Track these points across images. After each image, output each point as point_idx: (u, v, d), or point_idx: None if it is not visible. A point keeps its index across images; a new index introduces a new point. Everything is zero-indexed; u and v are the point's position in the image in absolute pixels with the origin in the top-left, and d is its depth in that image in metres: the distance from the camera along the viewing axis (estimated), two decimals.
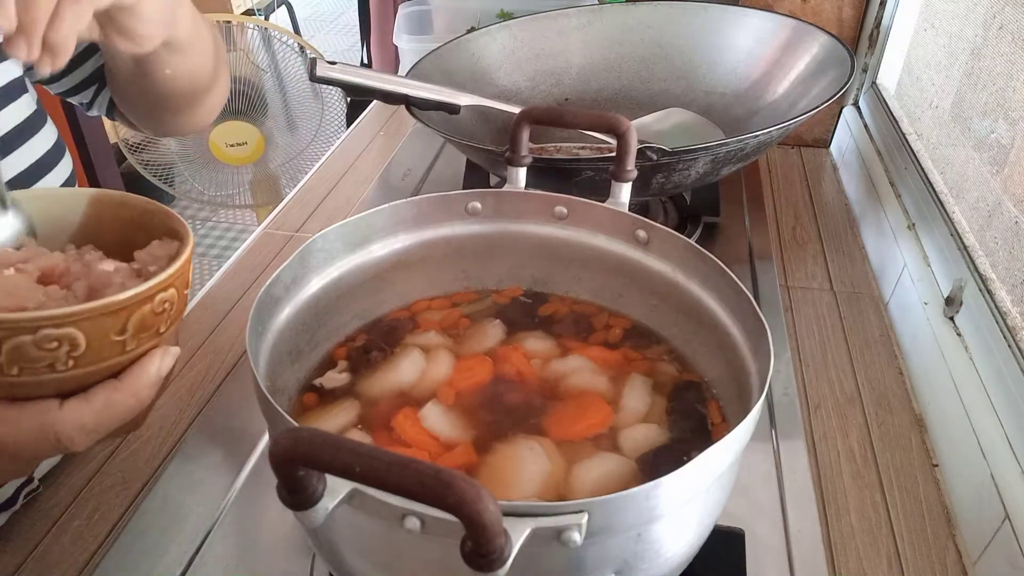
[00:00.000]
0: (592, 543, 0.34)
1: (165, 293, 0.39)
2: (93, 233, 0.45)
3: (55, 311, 0.35)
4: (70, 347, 0.36)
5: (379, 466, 0.28)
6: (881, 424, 0.69)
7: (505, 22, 1.04)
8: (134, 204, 0.45)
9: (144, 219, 0.44)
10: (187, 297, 0.42)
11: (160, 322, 0.39)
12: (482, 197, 0.58)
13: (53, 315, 0.35)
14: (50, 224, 0.45)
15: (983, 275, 0.69)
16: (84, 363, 0.37)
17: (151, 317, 0.38)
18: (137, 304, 0.37)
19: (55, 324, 0.35)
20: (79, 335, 0.36)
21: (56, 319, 0.35)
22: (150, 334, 0.39)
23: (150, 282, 0.37)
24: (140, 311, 0.38)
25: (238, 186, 2.19)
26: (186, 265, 0.40)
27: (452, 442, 0.48)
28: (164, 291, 0.39)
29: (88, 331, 0.36)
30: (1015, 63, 0.73)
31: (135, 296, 0.37)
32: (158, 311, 0.39)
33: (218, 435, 0.65)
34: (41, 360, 0.36)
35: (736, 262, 0.87)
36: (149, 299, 0.38)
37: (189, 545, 0.56)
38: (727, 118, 0.96)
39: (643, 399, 0.52)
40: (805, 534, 0.57)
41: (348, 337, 0.57)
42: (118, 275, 0.40)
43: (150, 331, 0.39)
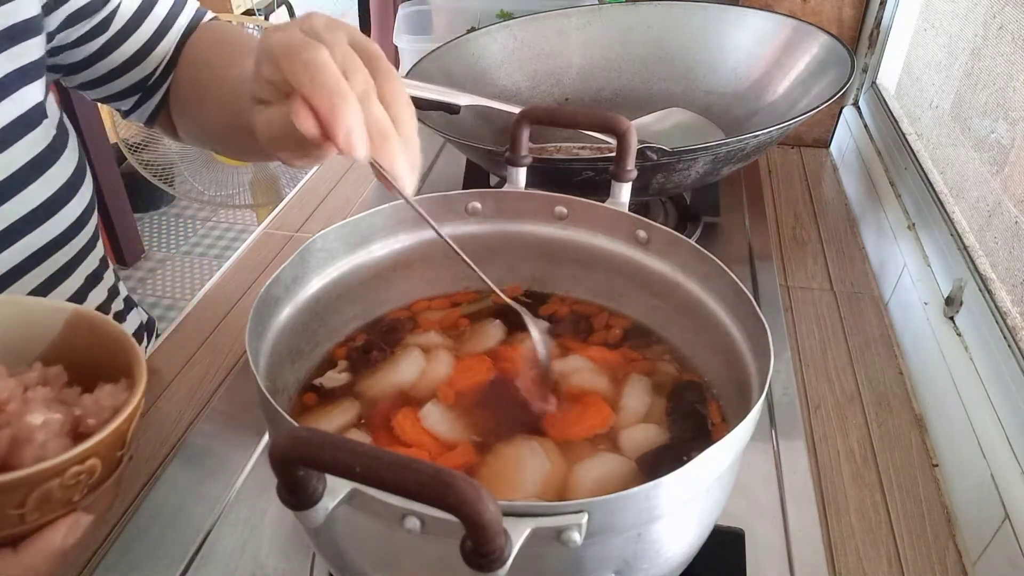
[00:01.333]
0: (592, 543, 0.34)
1: (80, 466, 0.36)
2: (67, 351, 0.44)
3: None
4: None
5: (379, 466, 0.28)
6: (881, 424, 0.69)
7: (505, 22, 1.04)
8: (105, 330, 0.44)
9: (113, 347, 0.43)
10: (121, 458, 0.40)
11: (72, 494, 0.37)
12: (482, 197, 0.58)
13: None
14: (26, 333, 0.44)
15: (983, 275, 0.69)
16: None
17: (59, 491, 0.36)
18: (39, 480, 0.35)
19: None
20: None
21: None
22: (58, 505, 0.37)
23: (56, 459, 0.35)
24: (44, 487, 0.35)
25: (238, 186, 2.19)
26: (117, 431, 0.38)
27: (452, 442, 0.48)
28: (79, 464, 0.36)
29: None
30: (1015, 63, 0.73)
31: (36, 474, 0.34)
32: (69, 484, 0.36)
33: (218, 435, 0.65)
34: None
35: (736, 262, 0.87)
36: (57, 474, 0.35)
37: (189, 545, 0.56)
38: (727, 118, 0.96)
39: (643, 399, 0.52)
40: (805, 534, 0.57)
41: (348, 337, 0.57)
42: (42, 431, 0.38)
43: (57, 503, 0.37)
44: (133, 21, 0.64)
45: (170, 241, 2.71)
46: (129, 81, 0.66)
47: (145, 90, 0.67)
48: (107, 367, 0.42)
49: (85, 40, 0.62)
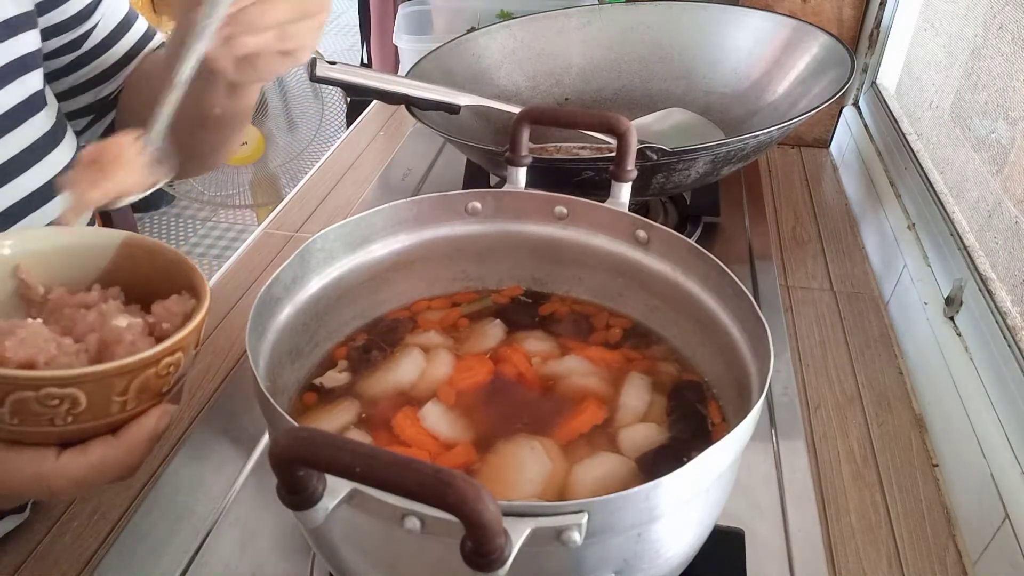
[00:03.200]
0: (592, 543, 0.34)
1: (171, 357, 0.39)
2: (120, 275, 0.46)
3: (59, 372, 0.36)
4: (71, 405, 0.36)
5: (379, 466, 0.28)
6: (881, 424, 0.69)
7: (505, 22, 1.04)
8: (161, 253, 0.46)
9: (170, 269, 0.45)
10: (195, 356, 0.43)
11: (163, 384, 0.40)
12: (482, 197, 0.58)
13: (57, 376, 0.36)
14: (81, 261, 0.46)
15: (983, 275, 0.69)
16: (83, 419, 0.37)
17: (154, 380, 0.39)
18: (141, 368, 0.38)
19: (58, 384, 0.36)
20: (81, 395, 0.36)
21: (60, 380, 0.36)
22: (151, 394, 0.40)
23: (155, 348, 0.38)
24: (144, 375, 0.38)
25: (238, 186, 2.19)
26: (196, 329, 0.41)
27: (452, 442, 0.48)
28: (170, 355, 0.39)
29: (90, 392, 0.37)
30: (1015, 63, 0.73)
31: (139, 361, 0.37)
32: (162, 374, 0.39)
33: (218, 435, 0.65)
34: (42, 415, 0.36)
35: (736, 262, 0.87)
36: (154, 363, 0.38)
37: (189, 545, 0.56)
38: (727, 118, 0.96)
39: (643, 399, 0.52)
40: (805, 534, 0.57)
41: (348, 337, 0.57)
42: (129, 332, 0.41)
43: (152, 392, 0.40)
44: (106, 42, 0.65)
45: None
46: (87, 100, 0.67)
47: (99, 111, 0.68)
48: (163, 287, 0.44)
49: (59, 53, 0.63)
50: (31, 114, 0.58)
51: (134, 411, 0.39)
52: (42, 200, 0.59)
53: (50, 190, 0.60)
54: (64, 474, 0.38)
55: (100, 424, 0.39)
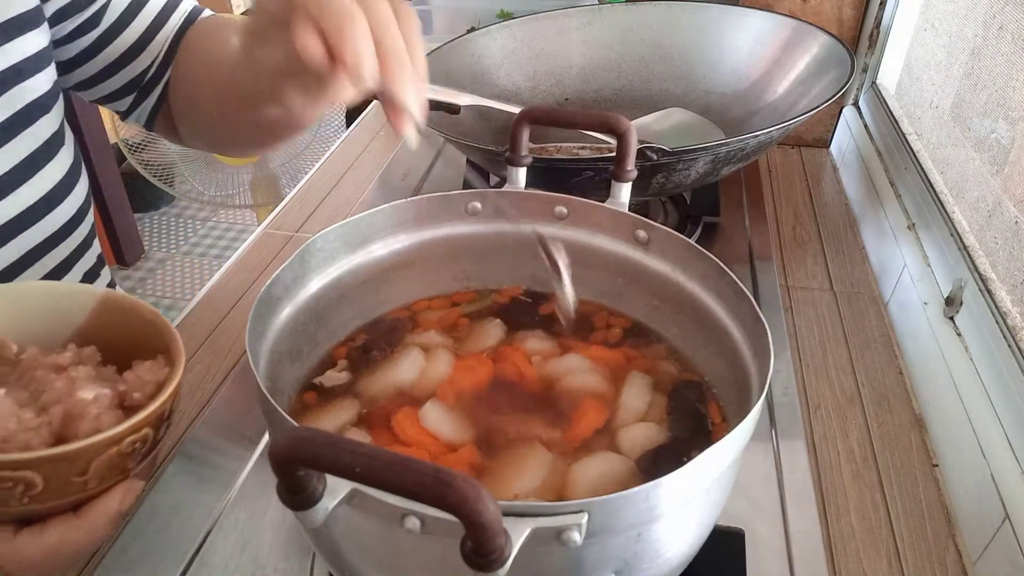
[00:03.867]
0: (592, 543, 0.34)
1: (136, 435, 0.38)
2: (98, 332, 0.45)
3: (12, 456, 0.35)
4: (26, 487, 0.35)
5: (379, 466, 0.28)
6: (881, 424, 0.69)
7: (505, 22, 1.04)
8: (139, 313, 0.45)
9: (147, 329, 0.44)
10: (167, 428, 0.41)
11: (128, 462, 0.39)
12: (482, 197, 0.58)
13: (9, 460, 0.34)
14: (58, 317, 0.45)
15: (983, 275, 0.69)
16: (41, 500, 0.36)
17: (117, 458, 0.38)
18: (102, 448, 0.37)
19: (11, 468, 0.34)
20: (36, 477, 0.35)
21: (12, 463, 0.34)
22: (115, 472, 0.38)
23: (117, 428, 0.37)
24: (105, 454, 0.37)
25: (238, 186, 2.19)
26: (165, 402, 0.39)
27: (452, 442, 0.48)
28: (135, 433, 0.38)
29: (47, 474, 0.35)
30: (1015, 63, 0.73)
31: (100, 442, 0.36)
32: (126, 452, 0.38)
33: (218, 435, 0.65)
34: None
35: (736, 262, 0.87)
36: (116, 442, 0.37)
37: (189, 545, 0.56)
38: (727, 118, 0.96)
39: (643, 399, 0.52)
40: (805, 534, 0.57)
41: (348, 337, 0.57)
42: (95, 405, 0.39)
43: (115, 470, 0.38)
44: (125, 16, 0.63)
45: (170, 241, 2.71)
46: (123, 80, 0.65)
47: (140, 89, 0.66)
48: (140, 347, 0.44)
49: (76, 35, 0.61)
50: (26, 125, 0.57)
51: (96, 489, 0.38)
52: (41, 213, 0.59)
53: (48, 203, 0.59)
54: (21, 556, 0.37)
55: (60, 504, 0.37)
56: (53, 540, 0.37)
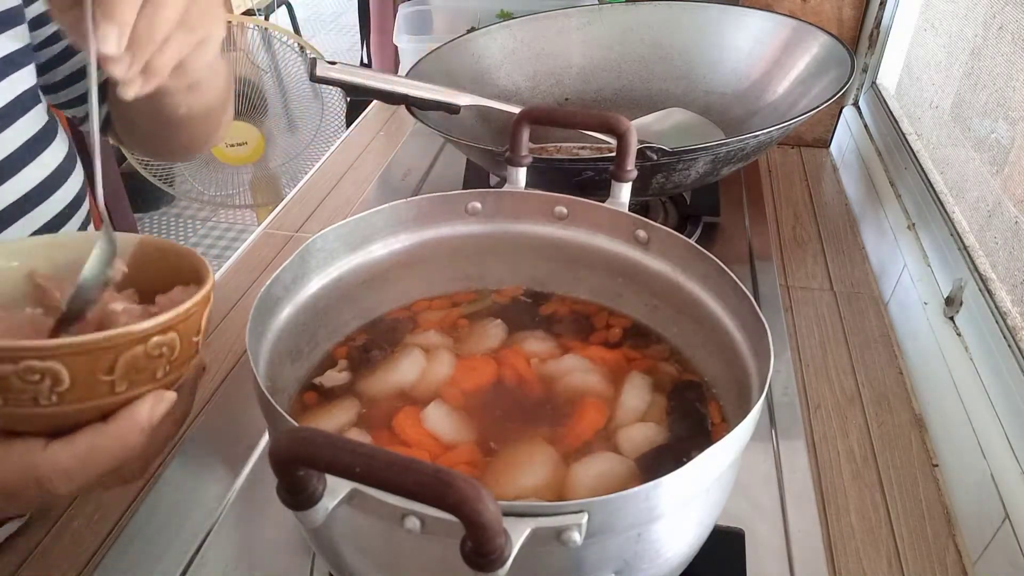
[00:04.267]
0: (592, 543, 0.34)
1: (162, 336, 0.38)
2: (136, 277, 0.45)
3: (37, 343, 0.35)
4: (53, 382, 0.35)
5: (379, 466, 0.28)
6: (881, 424, 0.69)
7: (505, 22, 1.04)
8: (171, 249, 0.45)
9: (178, 264, 0.44)
10: (197, 344, 0.41)
11: (156, 366, 0.38)
12: (482, 197, 0.58)
13: (35, 346, 0.34)
14: None
15: (983, 275, 0.69)
16: (69, 400, 0.36)
17: (144, 360, 0.37)
18: (127, 344, 0.36)
19: (38, 356, 0.34)
20: (62, 370, 0.35)
21: (38, 351, 0.34)
22: (144, 377, 0.38)
23: (143, 324, 0.37)
24: (130, 352, 0.37)
25: (238, 186, 2.19)
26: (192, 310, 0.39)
27: (452, 442, 0.48)
28: (161, 334, 0.38)
29: (72, 367, 0.35)
30: (1015, 63, 0.73)
31: (123, 335, 0.36)
32: (153, 354, 0.38)
33: (218, 435, 0.65)
34: (24, 392, 0.35)
35: (736, 262, 0.87)
36: (142, 340, 0.37)
37: (189, 545, 0.56)
38: (727, 118, 0.96)
39: (643, 399, 0.52)
40: (805, 534, 0.57)
41: (348, 337, 0.57)
42: (124, 315, 0.40)
43: (143, 374, 0.38)
44: None
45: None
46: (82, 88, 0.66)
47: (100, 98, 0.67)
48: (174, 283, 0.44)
49: (50, 42, 0.63)
50: (22, 113, 0.58)
51: (127, 395, 0.38)
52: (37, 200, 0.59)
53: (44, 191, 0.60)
54: (52, 464, 0.37)
55: (89, 407, 0.37)
56: (83, 447, 0.37)
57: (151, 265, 0.46)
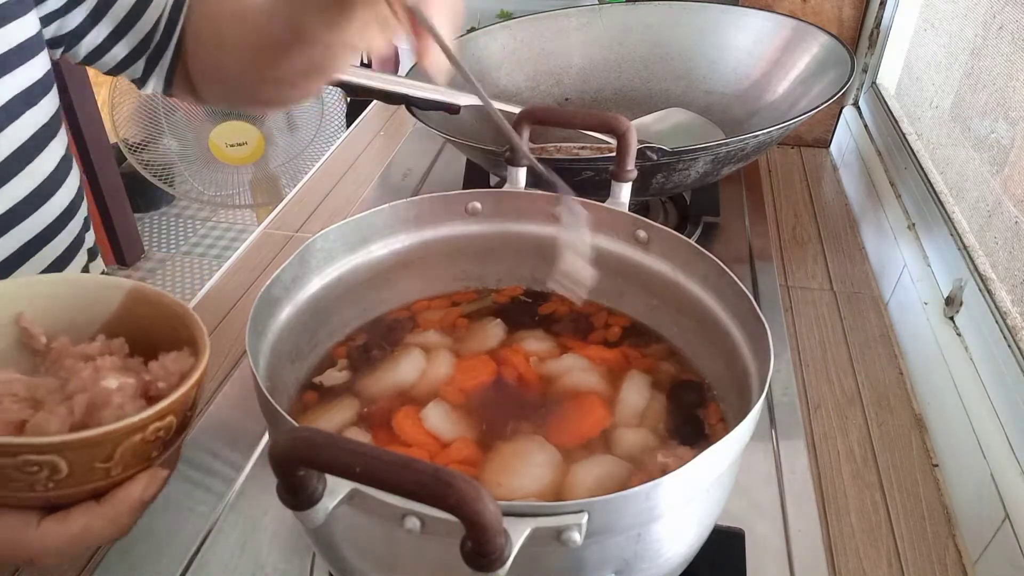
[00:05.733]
0: (592, 543, 0.34)
1: (160, 423, 0.38)
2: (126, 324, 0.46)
3: (37, 440, 0.35)
4: (51, 472, 0.36)
5: (379, 466, 0.28)
6: (881, 424, 0.69)
7: (505, 22, 1.04)
8: (166, 305, 0.45)
9: (173, 322, 0.45)
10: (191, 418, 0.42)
11: (152, 449, 0.39)
12: (482, 197, 0.58)
13: (35, 443, 0.35)
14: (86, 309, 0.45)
15: (983, 275, 0.69)
16: (65, 486, 0.37)
17: (141, 446, 0.38)
18: (125, 435, 0.37)
19: (37, 451, 0.35)
20: (61, 462, 0.35)
21: (38, 447, 0.35)
22: (139, 460, 0.39)
23: (141, 415, 0.37)
24: (129, 440, 0.37)
25: (238, 186, 2.19)
26: (189, 392, 0.40)
27: (452, 442, 0.48)
28: (159, 421, 0.38)
29: (71, 459, 0.36)
30: (1015, 63, 0.73)
31: (123, 428, 0.36)
32: (150, 439, 0.38)
33: (218, 435, 0.65)
34: (20, 481, 0.36)
35: (736, 262, 0.87)
36: (140, 429, 0.37)
37: (189, 545, 0.56)
38: (727, 118, 0.96)
39: (642, 399, 0.52)
40: (805, 534, 0.57)
41: (348, 336, 0.57)
42: (119, 394, 0.40)
43: (140, 457, 0.39)
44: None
45: (170, 241, 2.71)
46: (132, 43, 0.64)
47: (152, 51, 0.65)
48: (166, 340, 0.44)
49: (74, 5, 0.61)
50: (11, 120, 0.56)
51: (120, 477, 0.38)
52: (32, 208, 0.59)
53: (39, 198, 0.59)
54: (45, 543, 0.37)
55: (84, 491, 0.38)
56: (76, 527, 0.38)
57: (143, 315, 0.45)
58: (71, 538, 0.38)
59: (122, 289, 0.46)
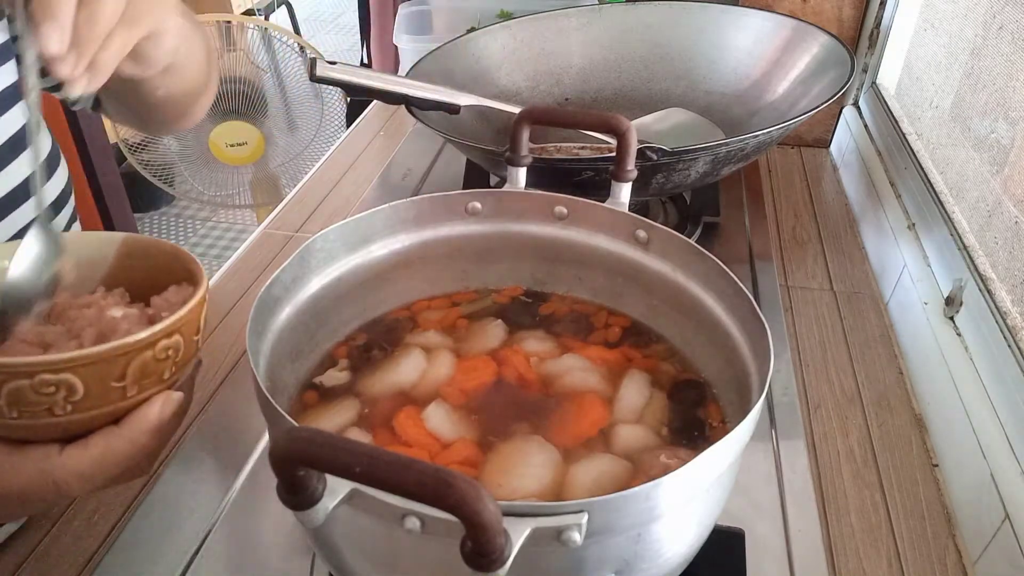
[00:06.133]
0: (592, 543, 0.34)
1: (168, 340, 0.39)
2: (124, 276, 0.47)
3: (51, 357, 0.36)
4: (67, 392, 0.36)
5: (379, 466, 0.28)
6: (881, 424, 0.69)
7: (505, 22, 1.04)
8: (159, 247, 0.46)
9: (169, 263, 0.45)
10: (198, 343, 0.42)
11: (163, 368, 0.40)
12: (482, 197, 0.58)
13: (50, 360, 0.36)
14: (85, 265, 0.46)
15: (983, 275, 0.69)
16: (83, 408, 0.37)
17: (152, 364, 0.39)
18: (136, 351, 0.38)
19: (52, 370, 0.36)
20: (76, 381, 0.36)
21: (53, 365, 0.36)
22: (152, 380, 0.40)
23: (149, 330, 0.38)
24: (140, 357, 0.38)
25: (238, 186, 2.19)
26: (193, 312, 0.41)
27: (452, 442, 0.48)
28: (167, 338, 0.39)
29: (86, 377, 0.36)
30: (1015, 63, 0.73)
31: (133, 343, 0.37)
32: (160, 357, 0.39)
33: (218, 435, 0.65)
34: (39, 404, 0.36)
35: (736, 262, 0.87)
36: (150, 346, 0.38)
37: (189, 545, 0.56)
38: (727, 118, 0.96)
39: (643, 399, 0.52)
40: (805, 534, 0.57)
41: (348, 337, 0.57)
42: (125, 322, 0.41)
43: (152, 377, 0.39)
44: None
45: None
46: None
47: None
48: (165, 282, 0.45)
49: None
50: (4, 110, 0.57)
51: (136, 398, 0.39)
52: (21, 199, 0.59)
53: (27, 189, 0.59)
54: (68, 468, 0.38)
55: (102, 413, 0.39)
56: (97, 450, 0.38)
57: (138, 264, 0.46)
58: (92, 460, 0.38)
59: (115, 242, 0.47)
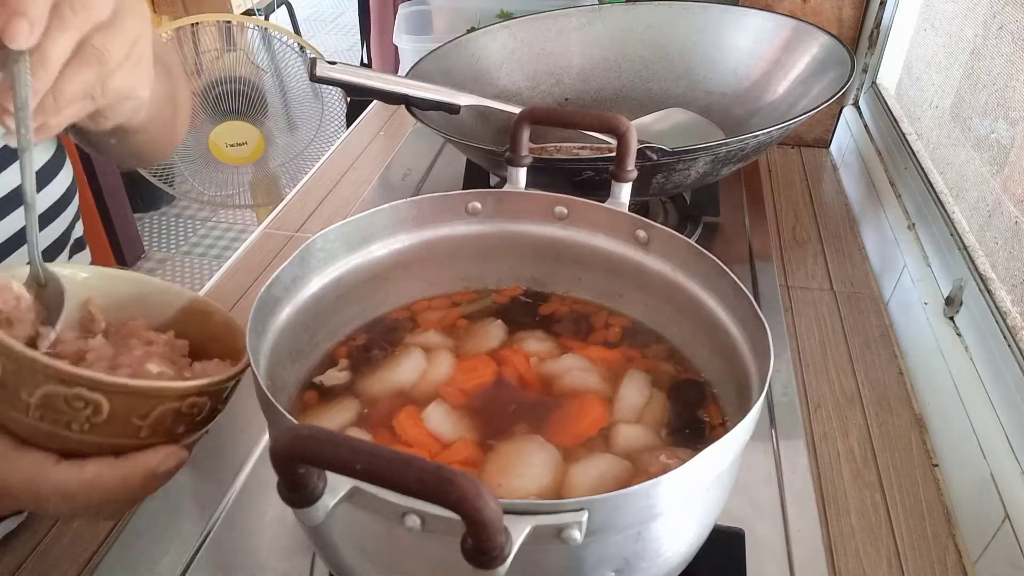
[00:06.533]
0: (592, 541, 0.34)
1: (198, 398, 0.41)
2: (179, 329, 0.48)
3: (95, 375, 0.37)
4: (93, 412, 0.37)
5: (380, 463, 0.28)
6: (881, 424, 0.69)
7: (505, 22, 1.04)
8: (217, 315, 0.49)
9: (222, 332, 0.48)
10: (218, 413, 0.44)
11: (181, 423, 0.41)
12: (482, 197, 0.58)
13: (92, 378, 0.37)
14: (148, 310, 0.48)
15: (983, 275, 0.69)
16: (99, 432, 0.38)
17: (174, 415, 0.40)
18: (169, 398, 0.39)
19: (90, 386, 0.37)
20: (105, 404, 0.37)
21: (93, 382, 0.37)
22: (165, 429, 0.40)
23: (188, 383, 0.40)
24: (168, 405, 0.39)
25: (238, 186, 2.19)
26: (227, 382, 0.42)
27: (453, 441, 0.48)
28: (197, 396, 0.40)
29: (116, 404, 0.38)
30: (1015, 63, 0.73)
31: (169, 389, 0.39)
32: (185, 411, 0.40)
33: (218, 435, 0.65)
34: (64, 414, 0.37)
35: (736, 262, 0.87)
36: (182, 397, 0.40)
37: (189, 545, 0.56)
38: (727, 118, 0.96)
39: (642, 399, 0.52)
40: (805, 534, 0.57)
41: (348, 337, 0.57)
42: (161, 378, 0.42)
43: (169, 427, 0.40)
44: None
45: (170, 241, 2.70)
46: None
47: None
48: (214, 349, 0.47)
49: None
50: None
51: (145, 442, 0.40)
52: None
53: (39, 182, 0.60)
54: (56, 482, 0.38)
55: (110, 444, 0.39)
56: (88, 474, 0.39)
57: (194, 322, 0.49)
58: (81, 482, 0.38)
59: (181, 297, 0.49)
